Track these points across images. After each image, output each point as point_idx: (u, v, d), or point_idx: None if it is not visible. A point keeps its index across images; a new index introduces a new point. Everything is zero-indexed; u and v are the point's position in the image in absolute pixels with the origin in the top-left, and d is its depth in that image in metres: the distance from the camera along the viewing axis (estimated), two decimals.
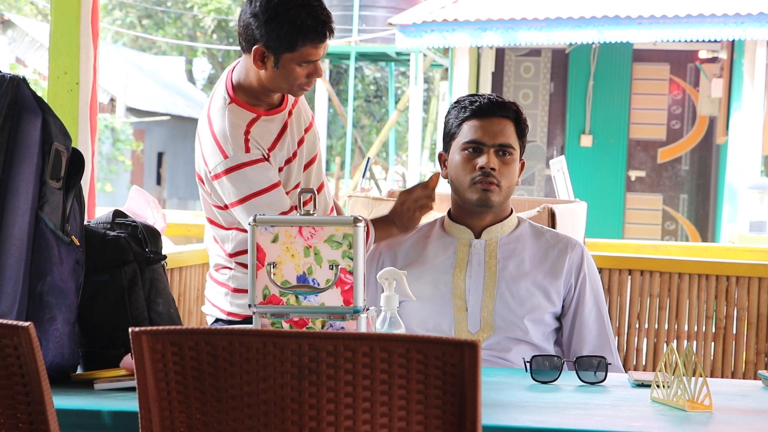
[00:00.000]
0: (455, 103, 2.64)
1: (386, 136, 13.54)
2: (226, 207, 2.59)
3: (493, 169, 2.55)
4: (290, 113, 2.68)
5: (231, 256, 2.66)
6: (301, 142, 2.70)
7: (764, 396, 2.11)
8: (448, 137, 2.64)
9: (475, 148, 2.57)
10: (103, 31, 19.96)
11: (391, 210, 2.68)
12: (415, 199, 2.66)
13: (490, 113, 2.59)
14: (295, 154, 2.67)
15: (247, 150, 2.54)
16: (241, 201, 2.54)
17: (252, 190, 2.53)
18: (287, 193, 2.62)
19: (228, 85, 2.61)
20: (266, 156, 2.58)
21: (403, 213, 2.65)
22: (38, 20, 19.93)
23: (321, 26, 2.49)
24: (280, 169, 2.63)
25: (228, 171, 2.53)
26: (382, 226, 2.65)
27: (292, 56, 2.50)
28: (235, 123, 2.56)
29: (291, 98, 2.70)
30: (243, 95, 2.60)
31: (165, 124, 20.16)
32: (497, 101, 2.61)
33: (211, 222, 2.68)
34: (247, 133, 2.56)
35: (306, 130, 2.73)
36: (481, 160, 2.55)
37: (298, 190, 2.68)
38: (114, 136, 17.50)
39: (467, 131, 2.59)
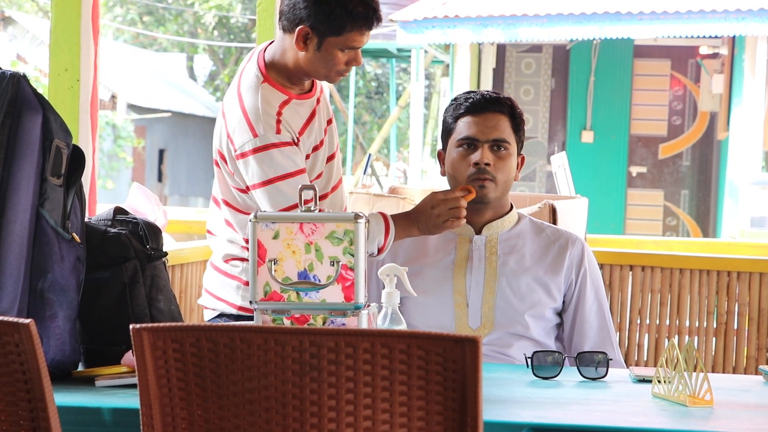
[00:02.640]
0: (452, 101, 2.65)
1: (387, 132, 13.54)
2: (247, 189, 2.51)
3: (487, 164, 2.54)
4: (318, 100, 2.63)
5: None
6: (325, 132, 2.66)
7: (765, 391, 2.11)
8: (445, 135, 2.65)
9: (469, 144, 2.57)
10: (103, 27, 19.94)
11: (415, 209, 2.55)
12: (451, 207, 2.52)
13: (484, 109, 2.59)
14: (322, 143, 2.61)
15: (278, 131, 2.47)
16: (264, 183, 2.46)
17: (277, 174, 2.45)
18: (310, 182, 2.53)
19: (260, 64, 2.54)
20: (296, 140, 2.51)
21: (431, 217, 2.51)
22: (39, 17, 19.92)
23: (372, 13, 2.46)
24: (307, 156, 2.56)
25: (256, 150, 2.45)
26: (404, 224, 2.52)
27: (336, 40, 2.46)
28: (268, 102, 2.49)
29: (319, 85, 2.65)
30: (276, 75, 2.53)
31: (166, 121, 20.15)
32: (490, 97, 2.60)
33: (229, 205, 2.57)
34: (279, 114, 2.50)
35: (328, 122, 2.69)
36: (475, 156, 2.55)
37: (320, 179, 2.65)
38: (115, 132, 17.50)
39: (462, 128, 2.59)
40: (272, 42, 2.58)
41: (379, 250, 2.49)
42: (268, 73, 2.52)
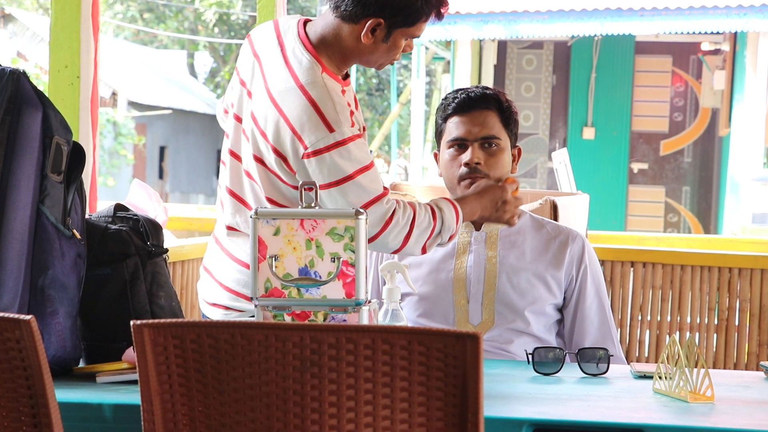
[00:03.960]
0: (442, 100, 2.65)
1: (388, 129, 13.54)
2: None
3: (477, 163, 2.54)
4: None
5: None
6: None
7: (766, 387, 2.11)
8: (438, 136, 2.65)
9: (459, 144, 2.57)
10: (104, 25, 19.94)
11: (478, 197, 2.49)
12: (517, 206, 2.52)
13: (471, 107, 2.58)
14: (364, 129, 2.49)
15: (352, 124, 2.34)
16: (344, 180, 2.29)
17: (355, 168, 2.29)
18: None
19: (311, 51, 2.36)
20: (361, 130, 2.39)
21: (498, 210, 2.50)
22: (39, 14, 19.92)
23: (445, 2, 2.39)
24: None
25: (335, 145, 2.28)
26: (468, 211, 2.46)
27: (406, 31, 2.37)
28: (336, 92, 2.35)
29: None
30: (327, 63, 2.39)
31: (167, 118, 20.16)
32: (476, 95, 2.58)
33: (275, 204, 2.37)
34: (349, 104, 2.37)
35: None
36: (465, 157, 2.55)
37: None
38: (116, 130, 17.50)
39: (451, 129, 2.59)
40: (305, 22, 2.42)
41: (450, 237, 2.40)
42: (321, 60, 2.37)
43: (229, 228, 2.46)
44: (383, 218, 2.31)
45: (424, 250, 2.38)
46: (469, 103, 2.58)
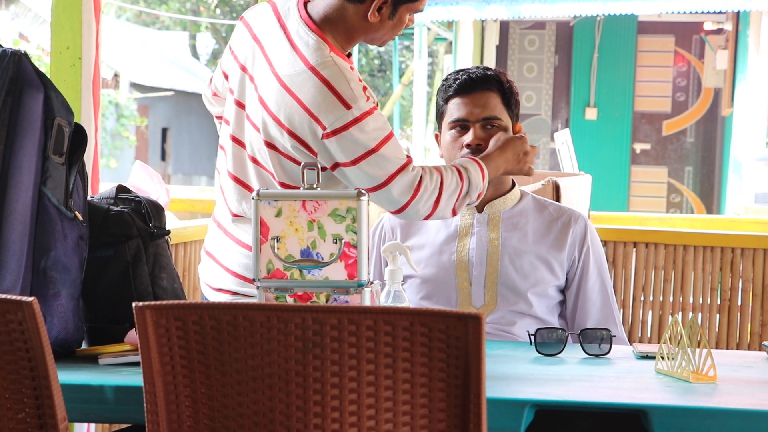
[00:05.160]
0: (443, 81, 2.64)
1: (391, 110, 13.51)
2: (333, 167, 2.32)
3: (479, 144, 2.54)
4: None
5: None
6: None
7: None
8: (439, 117, 2.65)
9: (461, 126, 2.57)
10: (105, 6, 19.86)
11: (501, 151, 2.48)
12: (535, 156, 2.52)
13: (472, 89, 2.57)
14: (376, 105, 2.44)
15: (367, 98, 2.31)
16: (369, 153, 2.27)
17: (377, 141, 2.28)
18: None
19: (316, 31, 2.34)
20: (376, 103, 2.36)
21: (520, 162, 2.49)
22: None
23: None
24: None
25: (354, 122, 2.26)
26: (494, 167, 2.45)
27: (410, 6, 2.36)
28: (347, 69, 2.31)
29: None
30: (333, 42, 2.37)
31: (169, 100, 20.13)
32: (477, 76, 2.58)
33: (289, 188, 2.34)
34: (359, 79, 2.34)
35: None
36: (466, 138, 2.55)
37: None
38: (118, 111, 17.48)
39: (452, 110, 2.59)
40: (305, 2, 2.40)
41: (478, 196, 2.40)
42: (327, 39, 2.35)
43: (235, 215, 2.44)
44: (412, 185, 2.30)
45: (454, 212, 2.37)
46: (471, 84, 2.57)
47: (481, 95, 2.57)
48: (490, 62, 10.73)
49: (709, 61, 10.70)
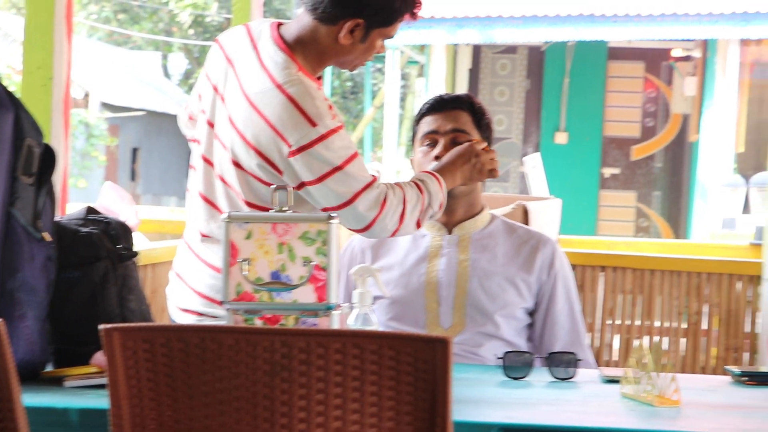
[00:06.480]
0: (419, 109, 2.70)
1: (362, 132, 13.55)
2: (299, 187, 2.30)
3: None
4: None
5: None
6: None
7: (732, 391, 2.14)
8: (412, 140, 2.69)
9: (431, 141, 2.60)
10: (77, 25, 19.81)
11: (452, 161, 2.48)
12: (491, 158, 2.51)
13: (443, 107, 2.63)
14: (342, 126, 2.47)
15: (333, 116, 2.32)
16: (335, 170, 2.28)
17: (342, 158, 2.28)
18: None
19: (285, 51, 2.35)
20: (341, 122, 2.37)
21: (476, 164, 2.48)
22: (12, 14, 19.77)
23: (419, 3, 2.40)
24: None
25: (319, 139, 2.27)
26: (449, 178, 2.45)
27: (382, 31, 2.38)
28: (314, 88, 2.32)
29: None
30: (303, 63, 2.37)
31: (140, 120, 20.06)
32: (449, 96, 2.66)
33: (255, 207, 2.35)
34: (325, 98, 2.35)
35: None
36: (436, 150, 2.59)
37: None
38: (88, 131, 17.39)
39: (423, 126, 2.64)
40: (278, 25, 2.41)
41: (440, 206, 2.40)
42: (297, 60, 2.36)
43: (204, 235, 2.44)
44: (378, 201, 2.31)
45: (418, 225, 2.38)
46: (442, 103, 2.64)
47: (452, 112, 2.62)
48: (462, 86, 10.79)
49: (678, 88, 10.82)
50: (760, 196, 7.84)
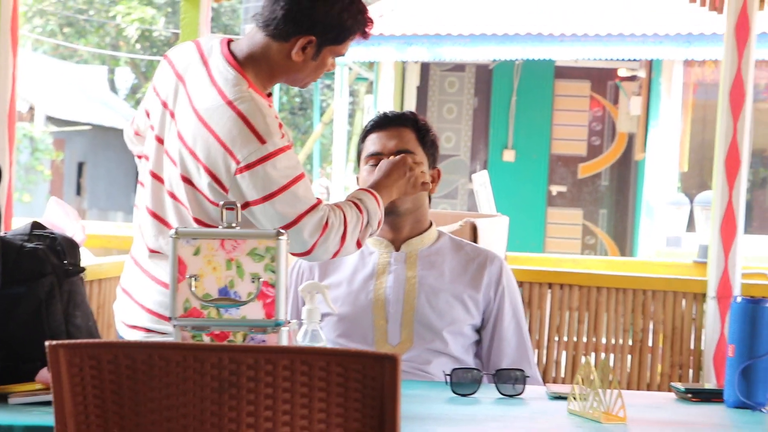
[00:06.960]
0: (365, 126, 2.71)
1: (311, 148, 13.54)
2: (243, 207, 2.28)
3: None
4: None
5: None
6: None
7: (677, 407, 2.16)
8: (358, 157, 2.70)
9: (375, 162, 2.61)
10: (22, 38, 19.59)
11: (386, 177, 2.49)
12: (422, 171, 2.55)
13: (387, 124, 2.65)
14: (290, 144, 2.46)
15: (282, 135, 2.32)
16: (281, 190, 2.28)
17: (289, 178, 2.29)
18: None
19: (236, 68, 2.35)
20: (290, 141, 2.37)
21: (410, 179, 2.50)
22: None
23: (369, 20, 2.41)
24: None
25: (267, 157, 2.27)
26: (385, 194, 2.47)
27: (333, 49, 2.38)
28: (264, 105, 2.32)
29: None
30: (254, 79, 2.37)
31: (86, 134, 19.86)
32: (393, 114, 2.68)
33: (203, 224, 2.34)
34: (276, 116, 2.35)
35: None
36: None
37: None
38: (33, 145, 17.17)
39: (368, 145, 2.65)
40: (228, 41, 2.41)
41: (378, 223, 2.41)
42: (247, 76, 2.36)
43: (152, 251, 2.42)
44: (320, 224, 2.31)
45: (359, 245, 2.39)
46: (386, 121, 2.66)
47: (395, 129, 2.63)
48: (411, 103, 10.83)
49: (623, 107, 10.96)
50: (704, 214, 7.96)
